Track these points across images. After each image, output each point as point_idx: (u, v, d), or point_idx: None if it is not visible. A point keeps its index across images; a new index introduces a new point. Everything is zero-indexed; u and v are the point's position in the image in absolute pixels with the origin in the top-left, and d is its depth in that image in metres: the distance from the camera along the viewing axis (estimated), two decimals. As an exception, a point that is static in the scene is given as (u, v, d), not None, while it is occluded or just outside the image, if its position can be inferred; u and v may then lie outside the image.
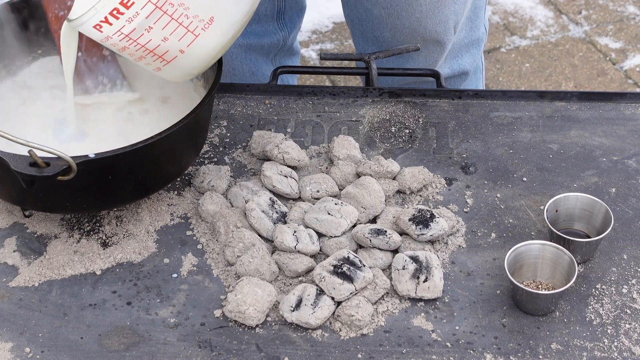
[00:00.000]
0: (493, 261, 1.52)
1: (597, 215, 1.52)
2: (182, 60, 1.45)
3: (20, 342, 1.42)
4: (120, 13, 1.36)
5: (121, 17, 1.37)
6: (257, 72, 2.16)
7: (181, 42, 1.42)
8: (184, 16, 1.39)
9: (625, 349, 1.41)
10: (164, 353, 1.40)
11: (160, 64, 1.45)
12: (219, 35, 1.44)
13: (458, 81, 2.20)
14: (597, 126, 1.73)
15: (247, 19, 1.48)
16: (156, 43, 1.41)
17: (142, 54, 1.43)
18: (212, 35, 1.43)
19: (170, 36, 1.41)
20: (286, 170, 1.61)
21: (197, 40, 1.42)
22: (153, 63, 1.45)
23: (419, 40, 2.00)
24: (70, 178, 1.38)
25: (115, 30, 1.38)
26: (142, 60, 1.45)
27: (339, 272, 1.44)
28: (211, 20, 1.41)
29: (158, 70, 1.47)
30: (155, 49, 1.42)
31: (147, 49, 1.42)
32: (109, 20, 1.37)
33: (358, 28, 2.06)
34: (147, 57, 1.43)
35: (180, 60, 1.45)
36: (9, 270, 1.52)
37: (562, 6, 3.30)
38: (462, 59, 2.17)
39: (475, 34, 2.15)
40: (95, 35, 1.40)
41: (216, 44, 1.45)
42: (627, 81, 3.03)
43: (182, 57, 1.44)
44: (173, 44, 1.42)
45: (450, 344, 1.41)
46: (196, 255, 1.53)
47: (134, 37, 1.39)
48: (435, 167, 1.66)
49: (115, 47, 1.42)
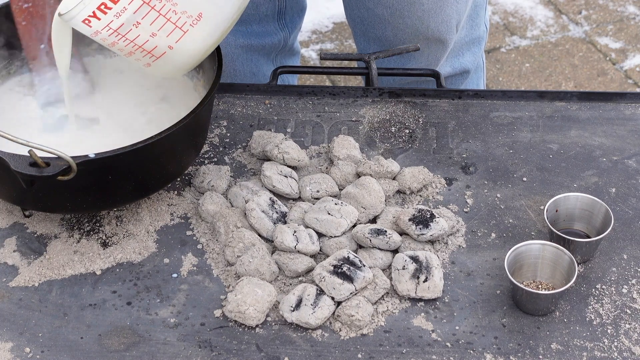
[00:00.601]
0: (493, 261, 1.52)
1: (597, 215, 1.52)
2: (171, 56, 1.45)
3: (20, 342, 1.42)
4: (108, 8, 1.37)
5: (109, 12, 1.37)
6: (258, 72, 2.16)
7: (170, 38, 1.42)
8: (172, 12, 1.39)
9: (625, 349, 1.41)
10: (164, 353, 1.40)
11: (150, 59, 1.45)
12: (208, 31, 1.44)
13: (459, 80, 2.20)
14: (597, 126, 1.73)
15: (237, 16, 1.48)
16: (144, 39, 1.41)
17: (132, 49, 1.43)
18: (201, 32, 1.43)
19: (158, 32, 1.41)
20: (286, 170, 1.61)
21: (185, 36, 1.42)
22: (142, 59, 1.45)
23: (421, 39, 2.00)
24: (70, 178, 1.38)
25: (104, 25, 1.38)
26: (131, 55, 1.45)
27: (339, 272, 1.44)
28: (199, 17, 1.41)
29: (148, 66, 1.47)
30: (144, 44, 1.42)
31: (136, 44, 1.42)
32: (97, 14, 1.37)
33: (360, 28, 2.06)
34: (136, 52, 1.43)
35: (169, 56, 1.45)
36: (9, 270, 1.52)
37: (562, 6, 3.30)
38: (464, 57, 2.17)
39: (476, 32, 2.15)
40: (85, 30, 1.40)
41: (205, 41, 1.45)
42: (627, 81, 3.03)
43: (171, 53, 1.44)
44: (161, 40, 1.42)
45: (450, 344, 1.41)
46: (196, 255, 1.53)
47: (123, 32, 1.39)
48: (435, 167, 1.66)
49: (105, 42, 1.42)
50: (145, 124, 1.61)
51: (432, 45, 2.04)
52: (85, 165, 1.38)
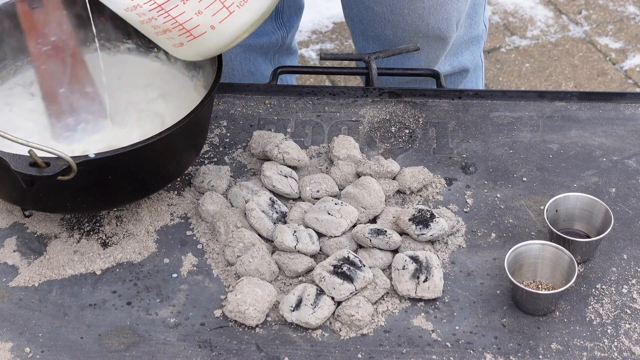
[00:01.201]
0: (493, 261, 1.52)
1: (597, 215, 1.52)
2: (209, 37, 1.40)
3: (20, 342, 1.42)
4: None
5: None
6: (257, 72, 2.16)
7: (214, 18, 1.38)
8: None
9: (625, 349, 1.41)
10: (164, 353, 1.40)
11: (186, 39, 1.40)
12: (250, 16, 1.40)
13: (458, 78, 2.20)
14: (597, 126, 1.73)
15: (273, 5, 1.44)
16: (188, 16, 1.37)
17: (169, 26, 1.38)
18: (245, 15, 1.39)
19: (205, 10, 1.36)
20: (286, 170, 1.61)
21: (230, 17, 1.38)
22: (177, 38, 1.40)
23: (421, 37, 2.00)
24: (70, 178, 1.38)
25: None
26: (165, 34, 1.39)
27: (339, 272, 1.44)
28: None
29: (179, 46, 1.42)
30: (185, 22, 1.37)
31: (177, 22, 1.37)
32: None
33: (359, 27, 2.06)
34: (173, 30, 1.39)
35: (208, 37, 1.40)
36: (9, 270, 1.52)
37: (562, 6, 3.30)
38: (462, 56, 2.17)
39: (475, 31, 2.15)
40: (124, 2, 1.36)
41: (247, 23, 1.41)
42: (627, 81, 3.03)
43: (211, 33, 1.40)
44: (206, 19, 1.37)
45: (450, 344, 1.41)
46: (196, 255, 1.53)
47: (167, 8, 1.35)
48: (435, 167, 1.66)
49: (139, 18, 1.36)
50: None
51: (432, 43, 2.04)
52: (85, 165, 1.38)
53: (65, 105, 1.57)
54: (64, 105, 1.56)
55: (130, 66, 1.69)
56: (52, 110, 1.59)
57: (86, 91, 1.58)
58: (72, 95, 1.57)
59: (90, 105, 1.58)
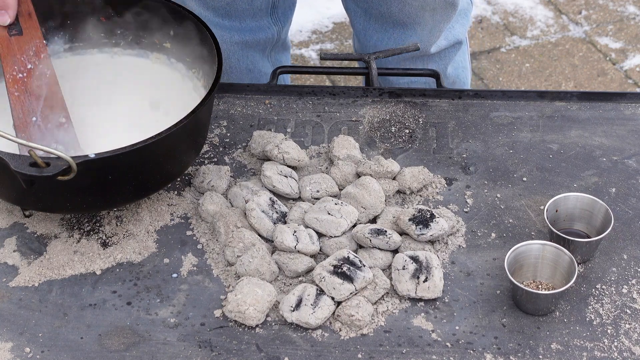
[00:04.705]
0: (493, 261, 1.52)
1: (597, 215, 1.52)
2: None
3: (20, 342, 1.42)
4: None
5: None
6: (254, 68, 2.16)
7: None
8: None
9: (625, 349, 1.41)
10: (164, 353, 1.41)
11: None
12: None
13: (453, 51, 2.20)
14: (597, 126, 1.73)
15: None
16: None
17: None
18: None
19: None
20: (286, 170, 1.61)
21: None
22: None
23: (428, 10, 1.99)
24: (70, 178, 1.38)
25: None
26: None
27: (339, 272, 1.44)
28: None
29: None
30: None
31: None
32: None
33: (362, 5, 2.05)
34: None
35: None
36: (9, 270, 1.52)
37: (562, 6, 3.30)
38: (454, 29, 2.17)
39: (463, 3, 2.16)
40: None
41: None
42: (627, 81, 3.03)
43: None
44: None
45: (450, 344, 1.41)
46: (196, 255, 1.53)
47: None
48: (435, 167, 1.66)
49: None
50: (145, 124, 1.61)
51: (438, 15, 2.03)
52: (85, 165, 1.38)
53: (36, 134, 1.53)
54: (35, 134, 1.52)
55: (130, 67, 1.69)
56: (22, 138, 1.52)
57: (60, 121, 1.54)
58: (44, 125, 1.53)
59: (64, 136, 1.54)
